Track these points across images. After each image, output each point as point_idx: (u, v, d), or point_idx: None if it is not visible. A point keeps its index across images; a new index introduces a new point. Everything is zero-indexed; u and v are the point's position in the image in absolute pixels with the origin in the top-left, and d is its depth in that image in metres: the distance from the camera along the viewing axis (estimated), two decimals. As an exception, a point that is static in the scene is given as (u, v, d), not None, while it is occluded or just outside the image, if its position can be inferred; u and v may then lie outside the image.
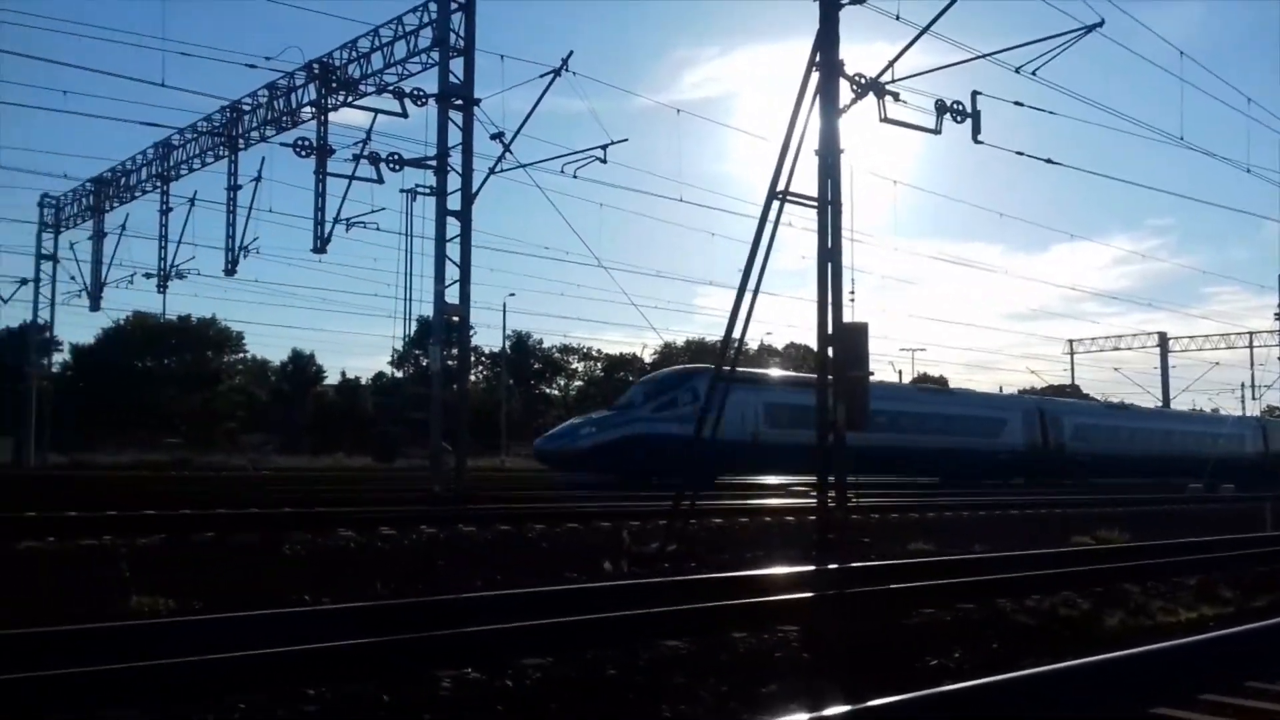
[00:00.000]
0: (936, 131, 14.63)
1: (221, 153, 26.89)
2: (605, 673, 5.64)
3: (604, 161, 23.54)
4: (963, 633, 7.22)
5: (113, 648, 6.37)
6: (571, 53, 22.43)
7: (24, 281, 35.57)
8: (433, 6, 21.97)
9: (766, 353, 73.28)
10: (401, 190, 22.58)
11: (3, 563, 9.84)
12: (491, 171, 22.83)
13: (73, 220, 32.93)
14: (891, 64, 13.73)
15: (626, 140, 23.71)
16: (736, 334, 12.83)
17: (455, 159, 21.73)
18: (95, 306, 32.86)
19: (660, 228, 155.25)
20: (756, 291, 12.62)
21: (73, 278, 33.43)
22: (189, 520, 12.02)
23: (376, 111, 23.13)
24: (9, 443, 42.49)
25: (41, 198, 33.91)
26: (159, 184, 28.98)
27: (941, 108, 14.60)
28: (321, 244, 24.12)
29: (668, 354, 67.19)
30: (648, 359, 63.12)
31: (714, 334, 59.70)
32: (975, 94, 15.04)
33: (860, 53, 14.18)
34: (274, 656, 5.82)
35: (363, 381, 75.80)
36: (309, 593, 9.03)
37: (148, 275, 30.06)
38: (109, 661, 5.89)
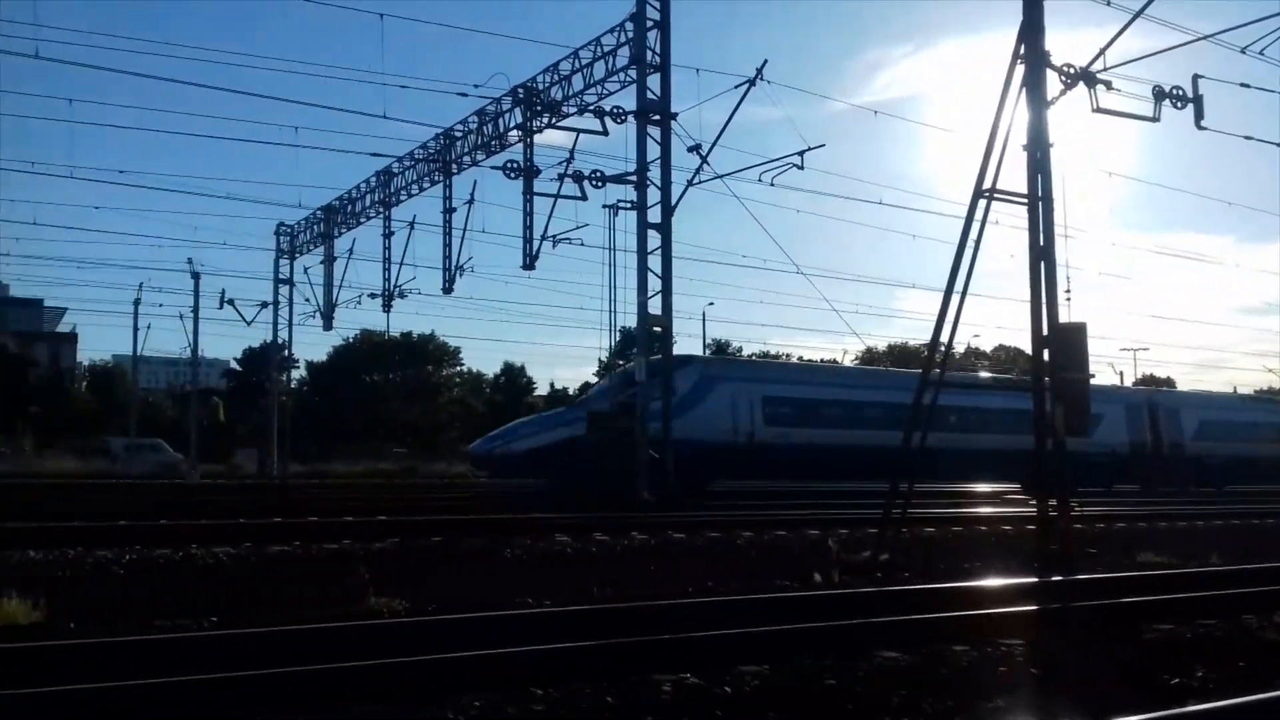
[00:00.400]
0: (1154, 119, 13.82)
1: (437, 178, 28.39)
2: (824, 682, 5.64)
3: (801, 168, 23.41)
4: (1205, 650, 6.79)
5: (357, 646, 6.87)
6: (766, 61, 22.49)
7: (264, 304, 38.57)
8: (629, 26, 22.47)
9: (974, 355, 70.67)
10: (604, 206, 23.20)
11: (255, 565, 10.70)
12: (690, 184, 23.15)
13: (306, 246, 35.51)
14: (1103, 51, 13.06)
15: (824, 146, 23.51)
16: (944, 337, 12.48)
17: (654, 173, 22.14)
18: (328, 326, 35.30)
19: (859, 231, 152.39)
20: (964, 293, 12.24)
21: (307, 300, 35.98)
22: (419, 526, 12.76)
23: (579, 131, 23.85)
24: (253, 454, 46.15)
25: (278, 226, 36.77)
26: (381, 210, 30.88)
27: (1159, 94, 13.78)
28: (530, 261, 25.04)
29: (869, 358, 65.93)
30: (848, 365, 62.12)
31: (916, 337, 58.02)
32: (1196, 78, 14.15)
33: (1066, 41, 13.59)
34: (504, 656, 6.13)
35: (570, 391, 78.16)
36: (530, 595, 9.43)
37: (372, 295, 32.16)
38: (354, 659, 6.35)
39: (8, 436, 46.67)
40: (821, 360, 57.85)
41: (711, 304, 56.04)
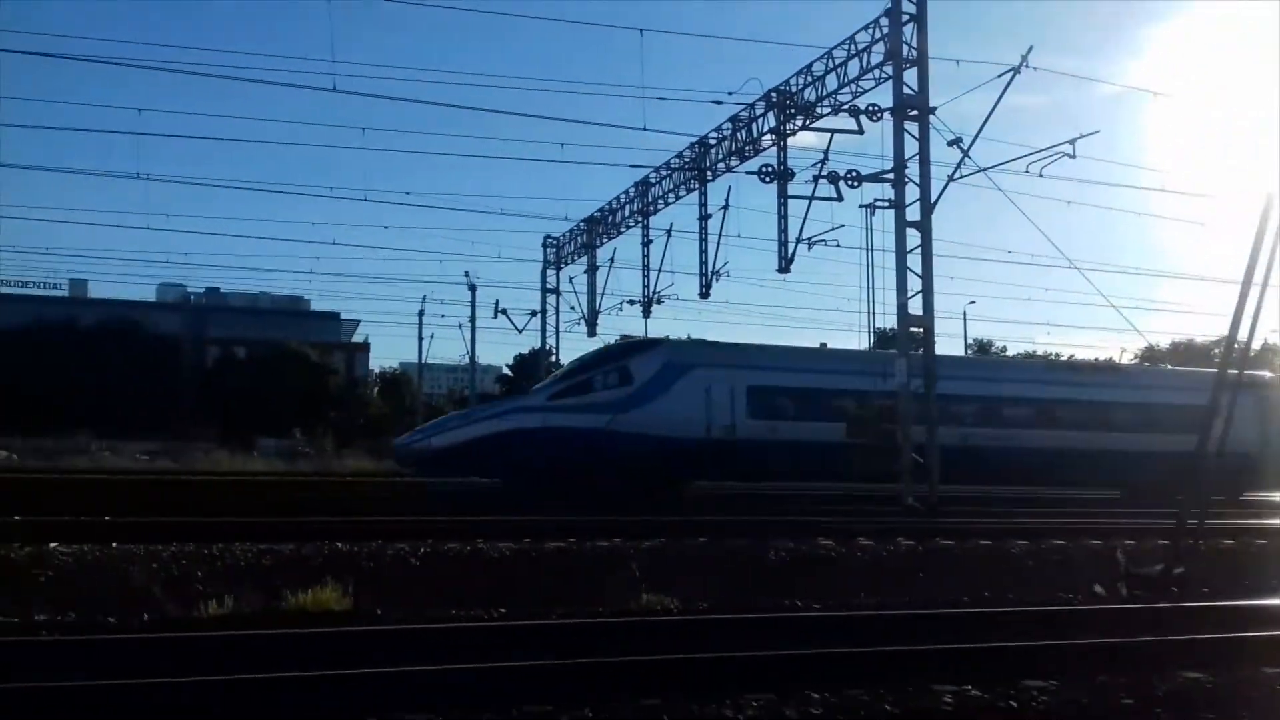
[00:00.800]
0: None
1: (693, 185, 28.85)
2: (1119, 701, 5.36)
3: (1073, 156, 22.13)
4: None
5: (634, 642, 7.16)
6: (1031, 48, 21.35)
7: (534, 313, 40.43)
8: (884, 22, 22.00)
9: (1271, 353, 64.05)
10: (860, 205, 22.75)
11: (535, 560, 11.28)
12: (951, 179, 22.36)
13: (571, 257, 37.01)
14: None
15: (1097, 132, 22.13)
16: (1241, 334, 11.46)
17: (913, 170, 21.54)
18: (591, 333, 36.58)
19: (1138, 221, 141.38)
20: (1264, 285, 11.19)
21: (572, 308, 37.39)
22: (684, 526, 13.06)
23: (833, 131, 23.56)
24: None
25: (545, 239, 38.50)
26: (640, 219, 31.72)
27: None
28: (785, 264, 24.96)
29: (1150, 356, 61.16)
30: (1126, 362, 57.93)
31: (1205, 333, 53.26)
32: None
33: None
34: (779, 659, 6.20)
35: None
36: (797, 598, 9.48)
37: (631, 302, 33.10)
38: (633, 654, 6.63)
39: (311, 438, 51.40)
40: (1096, 359, 53.99)
41: (973, 302, 53.81)
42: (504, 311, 39.87)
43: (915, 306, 21.29)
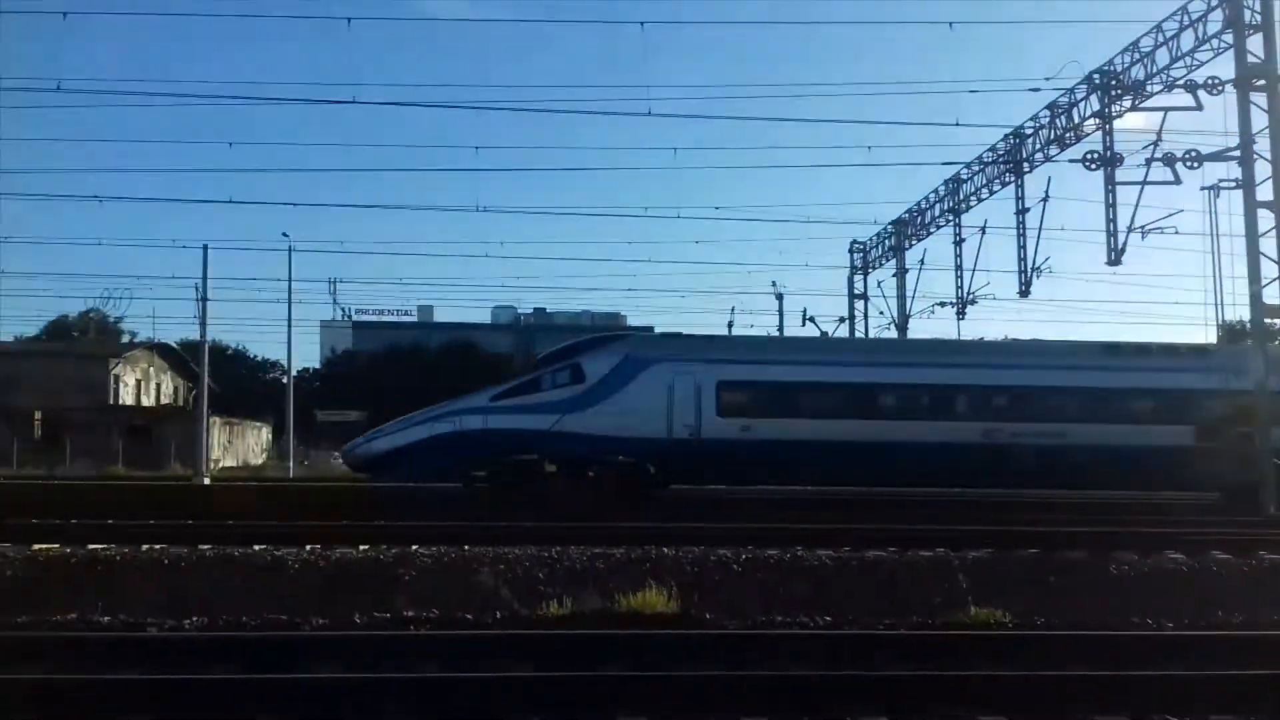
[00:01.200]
0: None
1: (1007, 179, 27.57)
2: None
3: None
4: None
5: (964, 655, 7.02)
6: (1404, -5, 18.65)
7: (842, 320, 40.02)
8: (1222, -14, 20.13)
9: None
10: (1201, 188, 20.96)
11: (856, 569, 11.20)
12: (1310, 153, 20.02)
13: (878, 261, 36.39)
14: None
15: None
16: None
17: (1262, 145, 19.50)
18: (903, 338, 35.81)
19: None
20: None
21: (881, 313, 36.74)
22: (1016, 536, 12.53)
23: (1166, 110, 21.79)
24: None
25: (851, 244, 38.14)
26: (951, 218, 30.71)
27: None
28: (1116, 256, 23.31)
29: None
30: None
31: None
32: None
33: None
34: (1126, 679, 5.89)
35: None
36: (1146, 615, 8.93)
37: (943, 304, 32.05)
38: (964, 668, 6.51)
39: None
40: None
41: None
42: (812, 319, 39.69)
43: (1271, 295, 19.29)
